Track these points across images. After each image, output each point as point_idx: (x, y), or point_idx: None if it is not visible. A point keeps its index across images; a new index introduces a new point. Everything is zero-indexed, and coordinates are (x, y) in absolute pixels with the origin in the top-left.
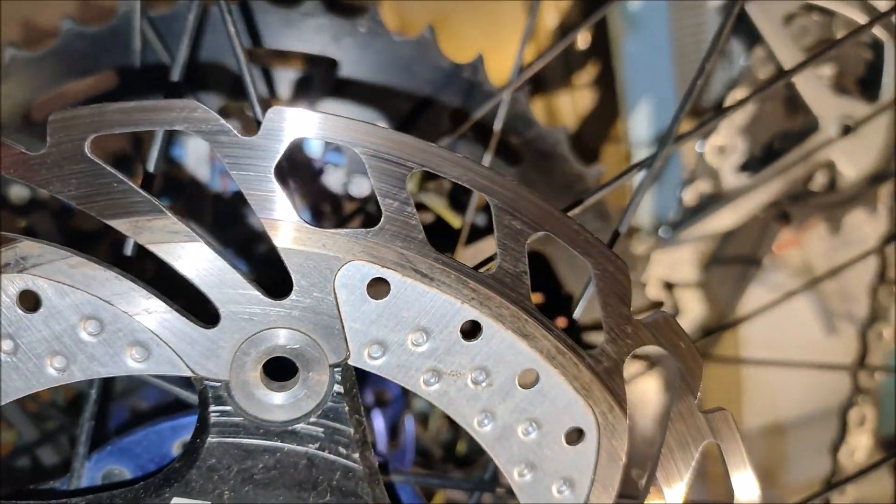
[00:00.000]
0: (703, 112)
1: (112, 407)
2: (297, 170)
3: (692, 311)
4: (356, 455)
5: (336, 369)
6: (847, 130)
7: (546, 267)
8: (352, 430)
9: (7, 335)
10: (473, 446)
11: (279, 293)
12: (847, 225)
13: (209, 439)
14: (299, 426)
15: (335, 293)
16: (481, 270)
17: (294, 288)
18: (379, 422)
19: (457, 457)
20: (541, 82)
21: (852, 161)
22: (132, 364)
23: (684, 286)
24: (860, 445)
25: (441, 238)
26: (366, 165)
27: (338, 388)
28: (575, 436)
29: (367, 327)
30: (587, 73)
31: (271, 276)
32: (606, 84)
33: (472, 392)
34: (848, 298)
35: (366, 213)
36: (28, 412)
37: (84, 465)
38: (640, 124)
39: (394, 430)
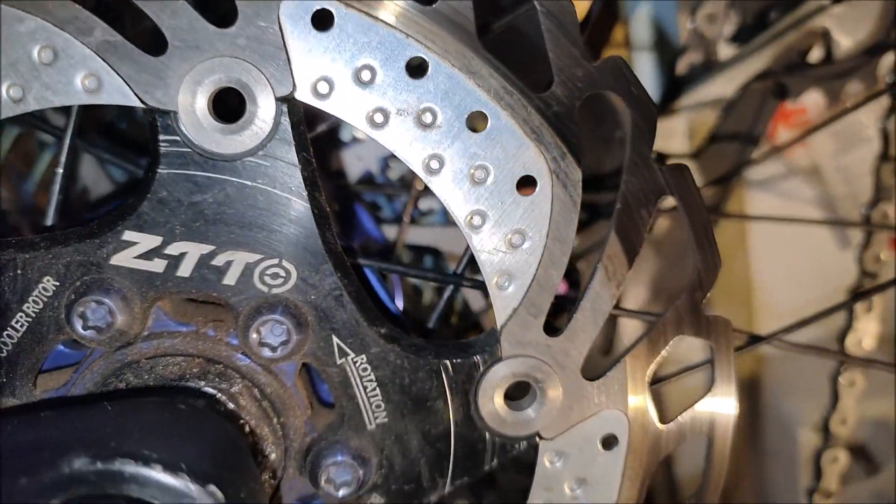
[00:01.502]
0: None
1: None
2: None
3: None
4: (304, 193)
5: (283, 104)
6: None
7: None
8: (300, 167)
9: None
10: (466, 320)
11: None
12: (854, 123)
13: (159, 170)
14: (248, 160)
15: (280, 23)
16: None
17: (239, 15)
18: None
19: (450, 326)
20: None
21: (847, 29)
22: (84, 94)
23: (677, 157)
24: (868, 332)
25: None
26: None
27: (284, 122)
28: (527, 184)
29: (313, 61)
30: None
31: None
32: None
33: (420, 134)
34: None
35: None
36: None
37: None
38: (641, 27)
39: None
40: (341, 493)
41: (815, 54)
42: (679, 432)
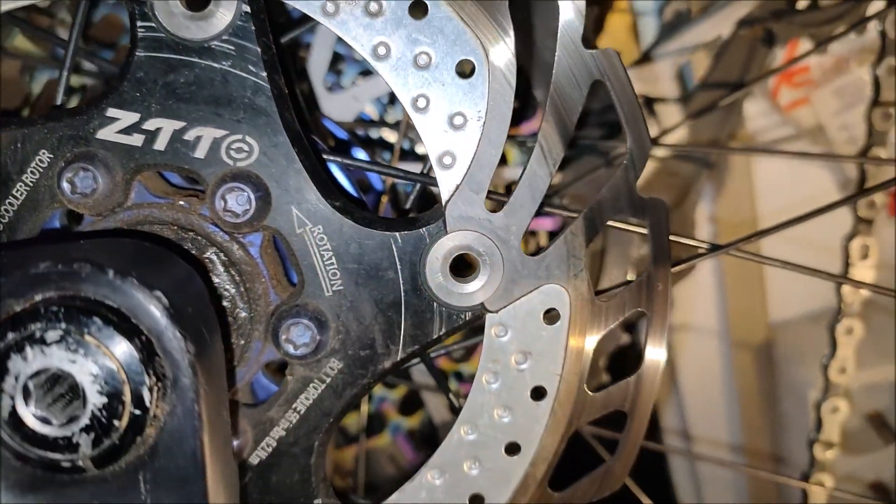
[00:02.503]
0: None
1: None
2: None
3: (675, 133)
4: (264, 74)
5: None
6: None
7: None
8: (260, 51)
9: None
10: None
11: None
12: (856, 81)
13: (137, 53)
14: (213, 44)
15: None
16: None
17: None
18: None
19: None
20: None
21: None
22: None
23: (665, 102)
24: (865, 279)
25: None
26: None
27: (245, 7)
28: (465, 68)
29: None
30: None
31: None
32: None
33: (368, 21)
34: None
35: None
36: None
37: None
38: None
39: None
40: (300, 352)
41: (802, 1)
42: (619, 305)
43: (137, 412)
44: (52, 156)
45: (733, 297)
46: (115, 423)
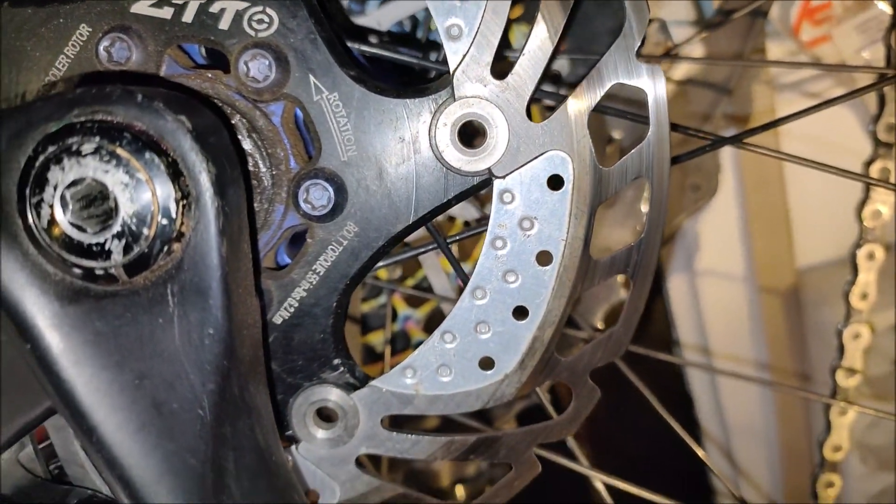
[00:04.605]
0: None
1: None
2: None
3: (691, 67)
4: None
5: None
6: None
7: None
8: None
9: None
10: None
11: None
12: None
13: None
14: None
15: None
16: None
17: None
18: None
19: None
20: None
21: None
22: None
23: (681, 23)
24: (888, 203)
25: None
26: None
27: None
28: None
29: None
30: None
31: None
32: None
33: None
34: None
35: None
36: None
37: None
38: None
39: None
40: (318, 212)
41: None
42: (621, 171)
43: (164, 222)
44: (90, 29)
45: (758, 241)
46: (145, 230)
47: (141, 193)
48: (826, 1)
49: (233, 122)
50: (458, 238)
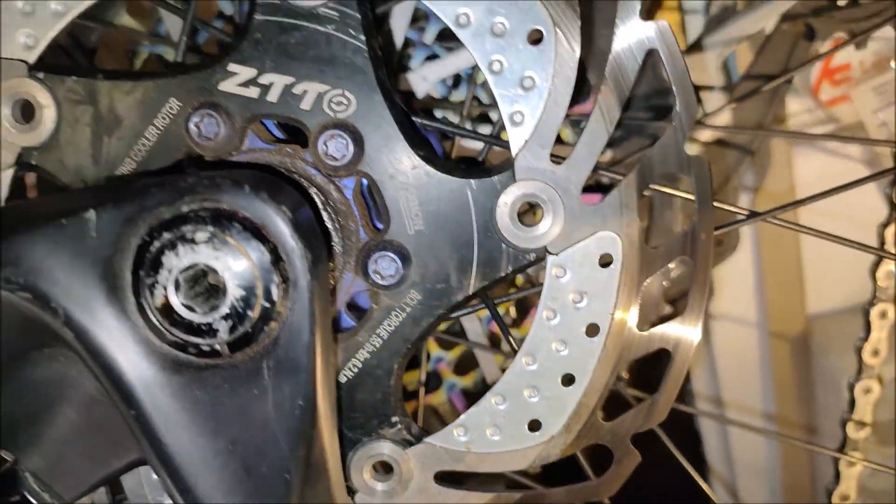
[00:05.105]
0: None
1: None
2: None
3: (719, 118)
4: (363, 38)
5: None
6: None
7: None
8: (360, 17)
9: None
10: None
11: None
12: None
13: (256, 16)
14: (320, 9)
15: None
16: None
17: None
18: None
19: None
20: None
21: None
22: None
23: (710, 89)
24: None
25: None
26: None
27: None
28: (536, 36)
29: None
30: None
31: None
32: None
33: None
34: None
35: None
36: None
37: None
38: None
39: None
40: (386, 282)
41: None
42: (666, 252)
43: (267, 305)
44: (181, 104)
45: (771, 290)
46: (249, 313)
47: (247, 278)
48: (845, 63)
49: (311, 194)
50: (504, 300)
